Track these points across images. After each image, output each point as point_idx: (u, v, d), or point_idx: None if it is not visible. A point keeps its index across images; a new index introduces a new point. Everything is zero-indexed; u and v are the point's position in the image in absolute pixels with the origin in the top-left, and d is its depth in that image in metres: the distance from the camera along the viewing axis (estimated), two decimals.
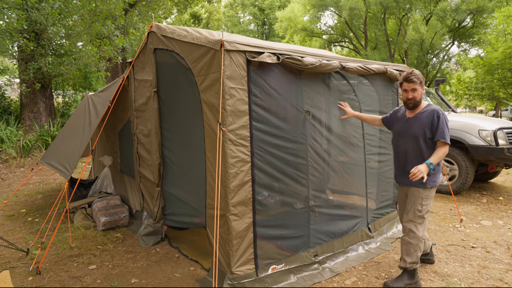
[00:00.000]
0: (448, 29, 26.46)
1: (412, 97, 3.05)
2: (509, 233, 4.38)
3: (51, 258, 3.67)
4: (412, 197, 3.10)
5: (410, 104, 3.09)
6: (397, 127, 3.24)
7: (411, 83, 3.03)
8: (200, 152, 3.17)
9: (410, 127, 3.10)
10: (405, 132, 3.13)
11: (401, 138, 3.17)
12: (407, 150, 3.11)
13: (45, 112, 10.45)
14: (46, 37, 9.23)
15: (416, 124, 3.06)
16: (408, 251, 3.09)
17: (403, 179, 3.20)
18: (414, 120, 3.10)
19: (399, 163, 3.23)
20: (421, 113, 3.08)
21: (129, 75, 4.33)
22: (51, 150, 5.15)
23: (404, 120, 3.19)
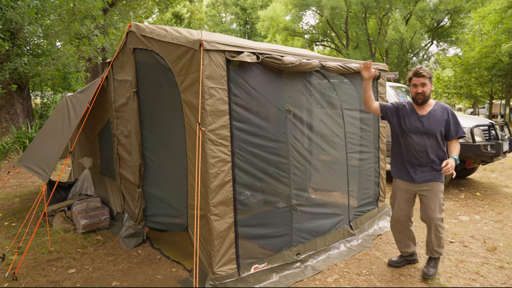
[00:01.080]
0: (427, 28, 27.05)
1: (422, 91, 3.04)
2: (485, 227, 4.51)
3: (29, 263, 3.58)
4: (433, 192, 3.10)
5: (420, 99, 3.07)
6: (409, 124, 3.15)
7: (420, 77, 3.02)
8: (181, 152, 3.15)
9: (427, 125, 3.07)
10: (421, 129, 3.08)
11: (414, 135, 3.11)
12: (425, 147, 3.08)
13: (22, 114, 10.19)
14: (22, 36, 8.99)
15: (433, 122, 3.06)
16: (440, 244, 3.18)
17: (417, 176, 3.14)
18: (429, 117, 3.08)
19: (410, 160, 3.17)
20: (434, 110, 3.09)
21: (108, 75, 4.26)
22: (28, 152, 5.02)
23: (417, 117, 3.12)
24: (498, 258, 3.63)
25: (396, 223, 3.41)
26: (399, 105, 3.27)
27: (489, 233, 4.32)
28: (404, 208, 3.31)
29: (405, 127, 3.17)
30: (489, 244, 3.96)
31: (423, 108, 3.13)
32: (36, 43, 9.78)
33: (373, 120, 4.45)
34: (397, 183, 3.34)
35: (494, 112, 29.86)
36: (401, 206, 3.32)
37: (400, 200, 3.32)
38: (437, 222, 3.11)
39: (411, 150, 3.15)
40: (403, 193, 3.28)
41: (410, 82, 3.12)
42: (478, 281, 3.17)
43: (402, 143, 3.21)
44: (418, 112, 3.14)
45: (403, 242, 3.43)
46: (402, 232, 3.40)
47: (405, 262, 3.48)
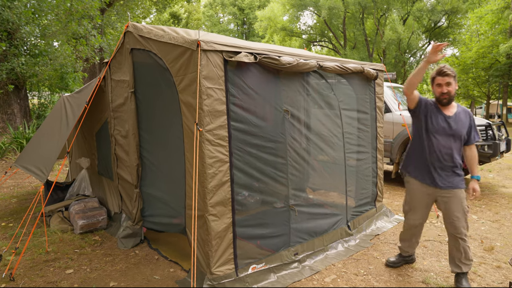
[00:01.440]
0: (424, 29, 27.13)
1: (447, 91, 2.89)
2: (483, 227, 4.52)
3: (26, 263, 3.57)
4: (457, 200, 2.94)
5: (445, 99, 2.92)
6: (436, 123, 2.95)
7: (445, 77, 2.88)
8: (179, 152, 3.15)
9: (455, 126, 2.92)
10: (448, 130, 2.93)
11: (440, 136, 2.94)
12: (450, 149, 2.94)
13: (19, 114, 10.16)
14: (19, 36, 8.96)
15: (460, 124, 2.93)
16: (468, 255, 3.00)
17: (442, 181, 2.97)
18: (456, 118, 2.95)
19: (433, 162, 2.99)
20: (459, 112, 2.98)
21: (105, 75, 4.26)
22: (26, 152, 5.01)
23: (444, 117, 2.96)
24: (495, 258, 3.64)
25: (410, 227, 3.27)
26: (427, 103, 3.04)
27: (486, 233, 4.33)
28: (422, 214, 3.16)
29: (432, 126, 2.97)
30: (486, 244, 3.97)
31: (448, 109, 2.98)
32: (33, 43, 9.76)
33: (370, 120, 4.46)
34: (416, 186, 3.13)
35: (491, 112, 29.96)
36: (418, 212, 3.15)
37: (419, 205, 3.13)
38: (464, 232, 2.95)
39: (435, 152, 2.97)
40: (423, 197, 3.09)
41: (433, 82, 2.96)
42: (476, 280, 3.19)
43: (425, 144, 3.01)
44: (445, 112, 2.98)
45: (409, 242, 3.35)
46: (414, 235, 3.31)
47: (403, 262, 3.45)
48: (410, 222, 3.25)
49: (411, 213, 3.22)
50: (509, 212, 5.09)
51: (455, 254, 3.03)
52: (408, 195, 3.24)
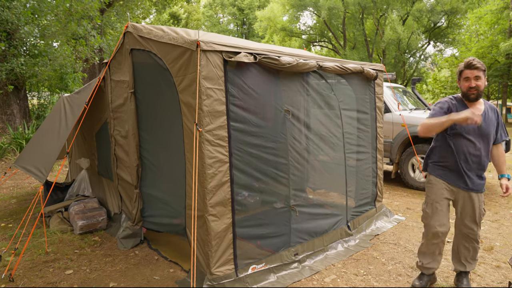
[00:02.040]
0: (424, 29, 27.14)
1: (476, 85, 2.67)
2: (482, 227, 4.52)
3: (26, 264, 3.56)
4: (476, 203, 2.81)
5: (473, 94, 2.70)
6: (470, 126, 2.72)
7: (474, 70, 2.67)
8: (180, 153, 3.15)
9: (485, 126, 2.72)
10: (477, 130, 2.72)
11: (470, 136, 2.73)
12: (479, 151, 2.75)
13: (19, 114, 10.15)
14: (18, 37, 8.96)
15: (489, 122, 2.74)
16: (476, 255, 2.97)
17: (469, 183, 2.80)
18: (485, 117, 2.74)
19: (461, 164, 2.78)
20: (486, 109, 2.77)
21: (105, 76, 4.25)
22: (25, 153, 5.00)
23: None
24: (495, 257, 3.64)
25: (434, 237, 2.87)
26: (448, 105, 2.80)
27: (486, 232, 4.33)
28: (447, 221, 2.85)
29: (459, 127, 2.73)
30: (486, 244, 3.98)
31: (475, 106, 2.76)
32: (32, 44, 9.76)
33: (370, 121, 4.46)
34: (441, 185, 2.86)
35: None
36: (443, 217, 2.83)
37: (444, 209, 2.84)
38: (478, 233, 2.88)
39: (464, 153, 2.76)
40: (447, 199, 2.87)
41: (461, 76, 2.75)
42: (475, 280, 3.19)
43: (452, 145, 2.78)
44: (473, 110, 2.73)
45: (433, 256, 2.95)
46: (437, 245, 2.92)
47: (428, 282, 3.01)
48: (435, 230, 2.84)
49: (436, 219, 2.84)
50: (509, 212, 5.09)
51: (462, 251, 2.94)
52: (431, 195, 2.91)
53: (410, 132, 6.12)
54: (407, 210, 5.24)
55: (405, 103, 7.34)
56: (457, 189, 2.85)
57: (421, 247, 3.02)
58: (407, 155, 6.46)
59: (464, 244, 2.94)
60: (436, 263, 2.97)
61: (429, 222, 2.89)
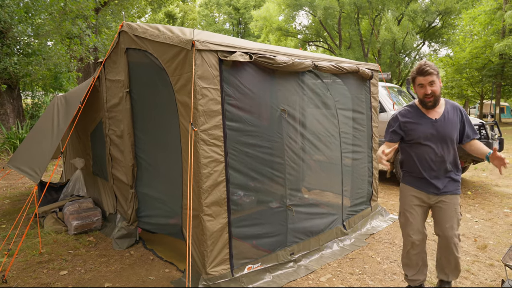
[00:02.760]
0: (419, 29, 27.27)
1: (431, 92, 2.54)
2: (476, 226, 4.55)
3: (19, 265, 3.53)
4: (451, 206, 2.67)
5: (430, 102, 2.58)
6: (424, 132, 2.63)
7: (427, 76, 2.52)
8: (176, 152, 3.14)
9: (443, 130, 2.61)
10: (436, 136, 2.62)
11: (429, 142, 2.64)
12: (442, 156, 2.63)
13: (12, 114, 10.07)
14: (11, 35, 8.89)
15: (449, 125, 2.62)
16: (457, 265, 2.74)
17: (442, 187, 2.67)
18: (444, 120, 2.62)
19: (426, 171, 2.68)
20: (447, 112, 2.65)
21: (100, 75, 4.23)
22: (19, 153, 4.96)
23: (430, 122, 2.64)
24: (488, 256, 3.67)
25: (412, 247, 2.79)
26: (399, 119, 2.75)
27: (479, 231, 4.36)
28: (421, 228, 2.79)
29: (414, 135, 2.67)
30: (479, 242, 4.00)
31: (435, 111, 2.65)
32: (26, 43, 9.68)
33: (366, 120, 4.47)
34: (410, 193, 2.78)
35: (485, 112, 30.20)
36: (417, 225, 2.76)
37: (416, 216, 2.76)
38: (455, 240, 2.67)
39: (426, 161, 2.67)
40: (419, 206, 2.76)
41: (415, 83, 2.62)
42: (469, 279, 3.21)
43: (413, 154, 2.71)
44: (430, 116, 2.65)
45: (416, 267, 2.86)
46: (418, 255, 2.83)
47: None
48: (411, 240, 2.77)
49: (410, 228, 2.77)
50: (502, 211, 5.13)
51: (444, 262, 2.77)
52: (404, 204, 2.83)
53: None
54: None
55: (400, 103, 7.38)
56: (427, 195, 2.72)
57: (402, 258, 2.92)
58: None
59: (445, 253, 2.74)
60: (422, 275, 2.88)
61: (404, 231, 2.84)
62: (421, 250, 2.83)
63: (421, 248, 2.82)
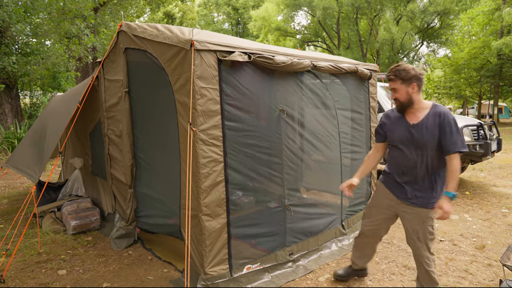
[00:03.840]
0: (417, 29, 27.32)
1: (395, 98, 2.56)
2: (474, 226, 4.56)
3: (17, 265, 3.53)
4: (419, 219, 2.59)
5: (396, 106, 2.61)
6: (399, 135, 2.62)
7: (390, 82, 2.55)
8: (175, 152, 3.13)
9: (417, 135, 2.52)
10: (410, 140, 2.55)
11: (403, 146, 2.59)
12: (414, 163, 2.55)
13: (10, 114, 10.05)
14: (10, 35, 8.86)
15: (425, 131, 2.49)
16: (431, 279, 2.66)
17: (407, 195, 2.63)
18: (422, 125, 2.51)
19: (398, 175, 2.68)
20: (427, 117, 2.52)
21: (98, 75, 4.22)
22: (17, 152, 4.96)
23: (407, 126, 2.58)
24: (487, 256, 3.68)
25: (361, 236, 2.99)
26: (382, 121, 2.80)
27: (478, 231, 4.37)
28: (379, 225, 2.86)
29: (391, 137, 2.68)
30: (478, 243, 4.01)
31: (414, 115, 2.57)
32: (24, 42, 9.66)
33: (365, 120, 4.48)
34: (383, 193, 2.81)
35: (483, 112, 30.27)
36: (375, 221, 2.87)
37: (378, 215, 2.85)
38: (425, 255, 2.63)
39: (398, 164, 2.66)
40: (386, 208, 2.79)
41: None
42: (467, 279, 3.22)
43: (391, 155, 2.73)
44: (408, 119, 2.59)
45: (361, 254, 3.05)
46: (366, 244, 3.00)
47: (353, 274, 3.15)
48: (363, 228, 2.95)
49: (368, 220, 2.91)
50: (500, 211, 5.14)
51: (419, 274, 2.74)
52: (373, 198, 2.93)
53: None
54: None
55: None
56: (396, 199, 2.70)
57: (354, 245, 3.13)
58: None
59: (417, 264, 2.72)
60: (362, 261, 3.06)
61: (363, 220, 3.00)
62: (370, 243, 2.97)
63: (370, 240, 2.96)
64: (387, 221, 2.85)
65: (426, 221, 2.58)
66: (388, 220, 2.84)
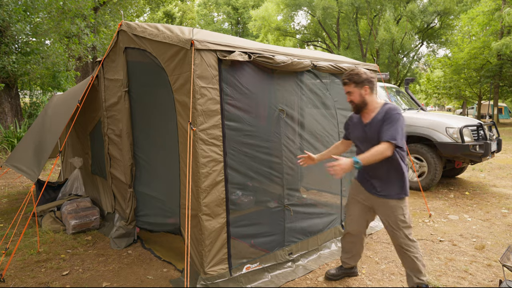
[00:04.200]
0: (417, 30, 27.31)
1: (350, 100, 2.75)
2: (474, 226, 4.57)
3: (17, 264, 3.53)
4: (391, 210, 2.73)
5: (353, 108, 2.80)
6: (356, 134, 2.87)
7: (345, 86, 2.74)
8: (175, 152, 3.13)
9: (370, 133, 2.71)
10: (364, 138, 2.77)
11: (361, 145, 2.82)
12: None
13: (10, 113, 10.04)
14: (9, 34, 8.86)
15: (375, 128, 2.67)
16: (415, 267, 2.77)
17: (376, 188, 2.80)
18: (372, 124, 2.71)
19: (366, 172, 2.84)
20: (377, 116, 2.70)
21: (98, 74, 4.22)
22: (17, 152, 4.95)
23: (362, 125, 2.81)
24: (486, 256, 3.68)
25: (346, 236, 3.11)
26: (346, 122, 3.03)
27: (477, 231, 4.37)
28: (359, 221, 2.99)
29: (351, 136, 2.94)
30: (477, 243, 4.02)
31: (368, 115, 2.77)
32: (24, 41, 9.65)
33: None
34: (357, 188, 2.96)
35: (483, 112, 30.27)
36: (355, 218, 2.99)
37: (356, 211, 2.98)
38: (403, 242, 2.74)
39: None
40: (361, 203, 2.94)
41: None
42: (467, 279, 3.22)
43: (357, 153, 2.90)
44: (363, 119, 2.81)
45: (350, 253, 3.15)
46: (352, 243, 3.10)
47: (344, 274, 3.22)
48: (347, 228, 3.06)
49: (349, 218, 3.03)
50: (500, 211, 5.15)
51: (404, 263, 2.84)
52: (348, 196, 3.08)
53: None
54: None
55: (398, 103, 7.39)
56: (369, 194, 2.85)
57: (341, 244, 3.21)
58: None
59: (399, 253, 2.83)
60: (353, 261, 3.17)
61: (345, 221, 3.10)
62: (356, 241, 3.07)
63: (357, 239, 3.06)
64: (366, 215, 2.98)
65: (396, 210, 2.72)
66: (367, 214, 2.97)
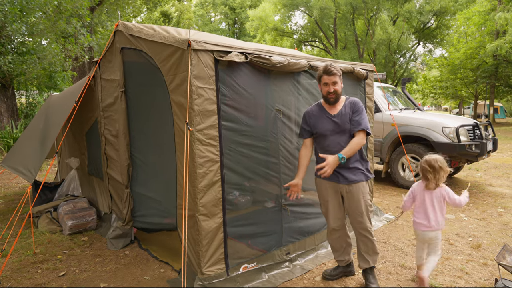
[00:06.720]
0: (414, 30, 27.41)
1: (334, 90, 2.89)
2: (470, 225, 4.59)
3: (13, 265, 3.51)
4: (359, 194, 2.92)
5: (332, 98, 2.91)
6: (323, 126, 2.95)
7: (331, 76, 2.87)
8: (171, 152, 3.13)
9: (341, 123, 2.90)
10: (335, 129, 2.91)
11: (331, 136, 2.93)
12: (342, 147, 2.86)
13: (6, 113, 10.00)
14: (5, 34, 8.82)
15: (343, 119, 2.90)
16: (374, 249, 3.03)
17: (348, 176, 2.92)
18: (341, 115, 2.92)
19: None
20: (344, 107, 2.95)
21: (95, 74, 4.21)
22: (13, 152, 4.94)
23: (329, 117, 2.95)
24: (482, 255, 3.70)
25: (332, 232, 3.16)
26: (306, 116, 3.10)
27: (473, 231, 4.40)
28: (339, 215, 3.09)
29: (318, 130, 2.99)
30: (473, 242, 4.04)
31: (335, 107, 2.97)
32: (20, 41, 9.61)
33: None
34: (325, 185, 3.06)
35: (479, 112, 30.41)
36: (335, 213, 3.08)
37: (334, 206, 3.07)
38: (367, 225, 2.97)
39: (330, 153, 2.89)
40: (334, 196, 3.04)
41: (321, 81, 2.94)
42: (463, 278, 3.23)
43: (319, 147, 3.03)
44: (330, 111, 2.97)
45: (341, 249, 3.21)
46: (340, 238, 3.17)
47: (341, 274, 3.25)
48: (330, 226, 3.13)
49: (331, 217, 3.10)
50: (496, 210, 5.17)
51: (361, 246, 3.05)
52: (319, 198, 3.17)
53: (400, 131, 6.18)
54: (397, 209, 5.29)
55: (395, 103, 7.41)
56: (338, 184, 2.98)
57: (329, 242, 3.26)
58: (397, 154, 6.52)
59: (360, 239, 3.04)
60: (347, 255, 3.23)
61: (326, 219, 3.18)
62: (342, 234, 3.16)
63: (342, 232, 3.15)
64: (341, 206, 3.09)
65: (365, 194, 2.95)
66: (342, 205, 3.08)
